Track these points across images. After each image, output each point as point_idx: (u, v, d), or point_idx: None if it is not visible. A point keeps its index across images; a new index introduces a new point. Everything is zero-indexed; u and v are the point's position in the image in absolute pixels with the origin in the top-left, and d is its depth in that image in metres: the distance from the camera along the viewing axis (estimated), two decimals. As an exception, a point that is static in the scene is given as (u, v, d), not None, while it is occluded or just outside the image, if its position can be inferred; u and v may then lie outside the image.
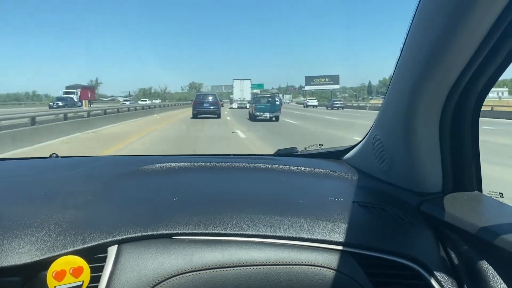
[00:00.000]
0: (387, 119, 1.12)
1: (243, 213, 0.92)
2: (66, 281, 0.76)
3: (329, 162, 1.45)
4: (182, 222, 0.88)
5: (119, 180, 1.17)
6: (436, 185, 1.01)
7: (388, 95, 1.08)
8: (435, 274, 0.84)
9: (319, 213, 0.95)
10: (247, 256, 0.83)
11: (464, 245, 0.86)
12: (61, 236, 0.81)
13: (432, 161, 1.00)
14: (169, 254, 0.81)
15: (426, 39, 0.86)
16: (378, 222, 0.96)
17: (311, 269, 0.83)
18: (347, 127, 16.67)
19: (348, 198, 1.07)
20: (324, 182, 1.25)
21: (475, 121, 0.96)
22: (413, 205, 1.02)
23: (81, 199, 0.99)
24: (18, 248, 0.77)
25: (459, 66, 0.84)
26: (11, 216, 0.87)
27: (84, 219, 0.88)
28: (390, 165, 1.12)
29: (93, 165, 1.36)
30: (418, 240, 0.91)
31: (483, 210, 0.94)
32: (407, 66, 0.96)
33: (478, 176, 1.00)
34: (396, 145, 1.07)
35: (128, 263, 0.79)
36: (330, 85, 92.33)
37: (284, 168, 1.32)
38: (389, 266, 0.86)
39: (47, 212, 0.89)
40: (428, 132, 0.98)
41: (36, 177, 1.23)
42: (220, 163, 1.34)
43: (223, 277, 0.81)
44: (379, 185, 1.16)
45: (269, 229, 0.88)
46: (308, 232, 0.88)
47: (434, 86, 0.90)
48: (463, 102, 0.93)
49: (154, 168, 1.27)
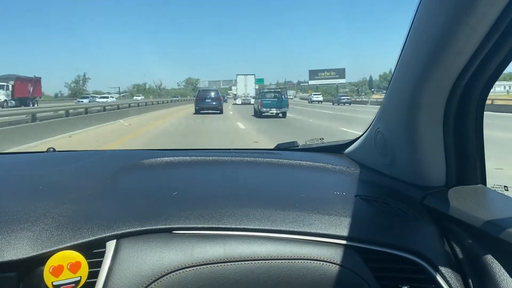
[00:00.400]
0: (390, 111, 1.10)
1: (244, 207, 0.91)
2: (64, 276, 0.74)
3: (330, 156, 1.44)
4: (182, 216, 0.87)
5: (117, 174, 1.15)
6: (440, 178, 1.00)
7: (391, 87, 1.07)
8: (439, 268, 0.83)
9: (321, 207, 0.94)
10: (249, 250, 0.82)
11: (468, 239, 0.85)
12: (59, 231, 0.80)
13: (435, 154, 0.99)
14: (169, 249, 0.80)
15: (430, 29, 0.84)
16: (381, 216, 0.94)
17: (313, 263, 0.82)
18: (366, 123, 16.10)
19: (350, 192, 1.05)
20: (326, 176, 1.23)
21: (480, 113, 0.95)
22: (416, 199, 1.01)
23: (79, 194, 0.97)
24: (14, 243, 0.76)
25: (464, 57, 0.82)
26: (7, 210, 0.85)
27: (82, 214, 0.87)
28: (393, 159, 1.10)
29: (91, 159, 1.35)
30: (422, 234, 0.90)
31: (487, 204, 0.92)
32: (410, 58, 0.95)
33: (482, 169, 0.99)
34: (399, 138, 1.06)
35: (127, 258, 0.78)
36: (335, 79, 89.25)
37: (285, 162, 1.31)
38: (393, 261, 0.85)
39: (44, 207, 0.88)
40: (431, 125, 0.96)
41: (33, 171, 1.22)
42: (220, 157, 1.32)
43: (224, 272, 0.80)
44: (381, 179, 1.15)
45: (270, 223, 0.87)
46: (310, 226, 0.87)
47: (438, 78, 0.88)
48: (468, 94, 0.91)
49: (153, 162, 1.25)
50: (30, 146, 9.69)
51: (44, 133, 11.23)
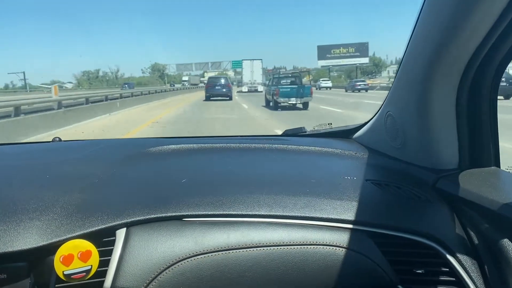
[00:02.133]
0: (401, 94, 1.08)
1: (255, 194, 0.90)
2: (74, 265, 0.74)
3: (338, 141, 1.42)
4: (192, 203, 0.86)
5: (125, 163, 1.15)
6: (453, 161, 0.99)
7: (401, 69, 1.04)
8: (453, 251, 0.82)
9: (332, 191, 0.92)
10: (260, 237, 0.81)
11: (482, 221, 0.83)
12: (68, 220, 0.80)
13: (448, 136, 0.97)
14: (179, 236, 0.80)
15: (443, 8, 0.82)
16: (393, 200, 0.93)
17: (326, 248, 0.81)
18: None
19: (360, 177, 1.04)
20: (335, 161, 1.22)
21: (494, 94, 0.93)
22: (428, 182, 0.99)
23: (87, 182, 0.97)
24: (23, 233, 0.76)
25: (477, 38, 0.81)
26: (15, 200, 0.85)
27: (91, 202, 0.86)
28: (404, 142, 1.08)
29: (97, 148, 1.34)
30: (435, 217, 0.89)
31: (501, 186, 0.91)
32: (422, 38, 0.92)
33: (496, 151, 0.97)
34: (410, 121, 1.04)
35: (138, 246, 0.78)
36: (355, 58, 60.10)
37: (293, 148, 1.29)
38: (406, 245, 0.84)
39: (52, 196, 0.87)
40: (444, 107, 0.94)
41: (40, 160, 1.21)
42: (227, 144, 1.31)
43: (236, 258, 0.79)
44: (392, 163, 1.13)
45: (282, 209, 0.86)
46: (321, 211, 0.86)
47: (451, 59, 0.86)
48: (481, 75, 0.90)
49: (160, 150, 1.24)
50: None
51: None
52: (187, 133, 9.86)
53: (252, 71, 41.62)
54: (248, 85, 40.76)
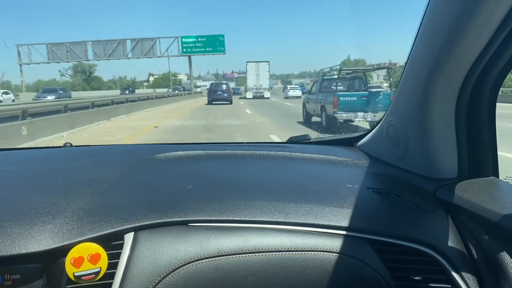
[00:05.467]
0: (402, 104, 1.10)
1: (258, 200, 0.93)
2: (84, 267, 0.77)
3: (342, 149, 1.44)
4: (197, 209, 0.89)
5: (134, 168, 1.18)
6: (452, 170, 1.00)
7: (403, 80, 1.06)
8: (452, 260, 0.84)
9: (333, 199, 0.95)
10: (262, 242, 0.84)
11: (481, 231, 0.85)
12: (79, 224, 0.83)
13: (447, 146, 0.99)
14: (185, 240, 0.83)
15: (443, 21, 0.84)
16: (393, 209, 0.95)
17: (327, 255, 0.84)
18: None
19: (362, 185, 1.06)
20: (338, 169, 1.24)
21: (492, 105, 0.95)
22: (428, 191, 1.01)
23: (97, 187, 1.00)
24: (37, 235, 0.79)
25: (477, 49, 0.82)
26: (29, 204, 0.89)
27: (101, 207, 0.89)
28: (405, 151, 1.10)
29: (107, 154, 1.38)
30: (434, 226, 0.90)
31: (500, 196, 0.92)
32: (423, 49, 0.94)
33: (494, 161, 0.98)
34: (411, 130, 1.06)
35: (145, 250, 0.81)
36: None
37: (297, 155, 1.32)
38: (405, 252, 0.86)
39: (64, 200, 0.91)
40: (443, 117, 0.96)
41: (52, 165, 1.25)
42: (233, 151, 1.34)
43: (239, 263, 0.82)
44: (394, 171, 1.15)
45: (284, 216, 0.89)
46: (322, 218, 0.88)
47: (450, 70, 0.88)
48: (480, 87, 0.91)
49: (168, 156, 1.28)
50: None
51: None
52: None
53: (258, 74, 36.10)
54: (253, 90, 35.61)
